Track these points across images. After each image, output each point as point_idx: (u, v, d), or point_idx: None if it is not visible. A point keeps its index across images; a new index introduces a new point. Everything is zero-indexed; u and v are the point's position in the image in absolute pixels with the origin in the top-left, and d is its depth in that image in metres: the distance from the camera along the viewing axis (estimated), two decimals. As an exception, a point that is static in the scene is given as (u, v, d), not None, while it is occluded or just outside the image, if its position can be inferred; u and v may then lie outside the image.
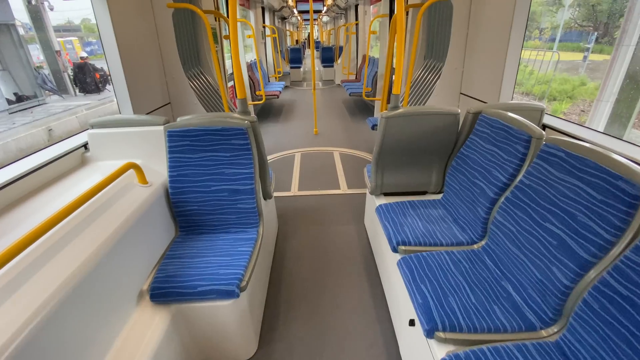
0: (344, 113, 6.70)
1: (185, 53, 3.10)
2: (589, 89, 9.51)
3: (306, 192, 3.41)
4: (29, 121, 8.14)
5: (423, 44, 3.58)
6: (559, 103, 8.39)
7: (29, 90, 10.01)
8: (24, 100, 9.70)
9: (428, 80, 3.28)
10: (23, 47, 9.69)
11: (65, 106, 9.67)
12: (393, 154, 2.07)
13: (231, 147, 1.71)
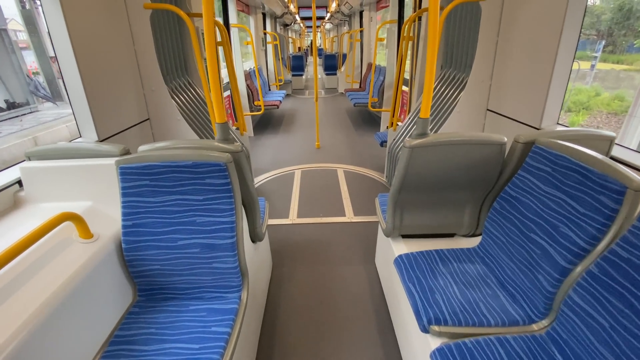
0: (348, 124, 6.29)
1: (168, 62, 2.70)
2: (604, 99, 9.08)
3: (306, 219, 2.97)
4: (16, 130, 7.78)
5: (439, 52, 3.17)
6: (575, 115, 7.95)
7: (21, 97, 9.68)
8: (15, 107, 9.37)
9: (447, 94, 2.86)
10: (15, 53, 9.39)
11: (58, 114, 9.32)
12: (417, 191, 1.63)
13: (205, 189, 1.28)
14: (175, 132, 2.59)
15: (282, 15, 9.84)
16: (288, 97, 9.62)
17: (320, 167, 4.19)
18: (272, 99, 6.55)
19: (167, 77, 2.66)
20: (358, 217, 2.98)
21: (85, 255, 1.18)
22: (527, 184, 1.39)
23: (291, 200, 3.33)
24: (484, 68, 2.46)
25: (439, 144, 1.43)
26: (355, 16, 9.32)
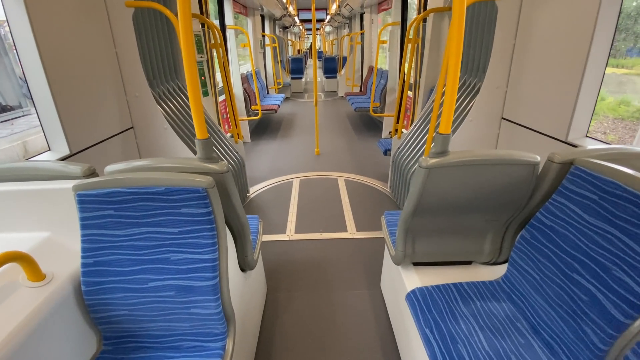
0: (349, 130, 6.08)
1: (155, 65, 2.48)
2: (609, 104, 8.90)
3: (305, 235, 2.75)
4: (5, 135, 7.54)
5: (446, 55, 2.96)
6: (582, 119, 7.77)
7: (13, 100, 9.42)
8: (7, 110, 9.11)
9: (458, 100, 2.65)
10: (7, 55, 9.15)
11: (52, 117, 9.04)
12: (433, 215, 1.41)
13: (182, 220, 1.06)
14: (162, 142, 2.37)
15: (282, 18, 9.66)
16: (287, 101, 9.42)
17: (319, 175, 3.98)
18: (270, 103, 6.35)
19: (153, 82, 2.44)
20: (361, 232, 2.76)
21: (35, 302, 0.96)
22: (565, 212, 1.17)
23: (289, 212, 3.10)
24: (499, 73, 2.25)
25: (462, 164, 1.22)
26: (355, 18, 9.14)
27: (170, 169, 1.16)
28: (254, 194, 3.52)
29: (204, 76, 3.45)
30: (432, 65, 3.44)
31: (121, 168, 1.16)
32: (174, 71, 2.77)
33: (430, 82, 3.52)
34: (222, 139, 3.05)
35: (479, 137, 2.41)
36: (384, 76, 5.82)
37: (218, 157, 1.21)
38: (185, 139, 2.48)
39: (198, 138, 1.16)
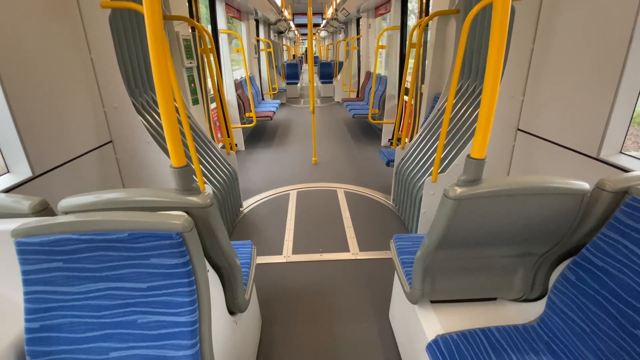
0: (347, 137, 5.88)
1: (137, 72, 2.26)
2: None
3: (303, 256, 2.52)
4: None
5: (452, 59, 2.78)
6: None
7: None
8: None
9: (469, 110, 2.46)
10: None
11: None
12: (457, 248, 1.20)
13: (150, 272, 0.84)
14: (145, 158, 2.14)
15: (277, 22, 9.50)
16: (282, 107, 9.22)
17: (318, 187, 3.76)
18: (265, 109, 6.13)
19: (134, 91, 2.22)
20: (364, 252, 2.54)
21: None
22: (620, 251, 0.97)
23: (285, 229, 2.88)
24: (515, 81, 2.06)
25: (499, 194, 1.01)
26: (351, 23, 9.01)
27: (138, 205, 0.93)
28: (247, 208, 3.30)
29: (194, 83, 3.23)
30: (435, 71, 3.26)
31: (78, 203, 0.93)
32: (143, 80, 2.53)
33: (434, 89, 3.34)
34: (213, 151, 2.83)
35: (492, 149, 2.22)
36: (383, 82, 5.65)
37: (198, 188, 0.99)
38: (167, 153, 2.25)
39: (173, 166, 0.94)
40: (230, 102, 5.02)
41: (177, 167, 0.94)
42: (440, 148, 2.12)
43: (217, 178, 2.62)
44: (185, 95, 3.06)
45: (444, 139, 2.10)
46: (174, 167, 0.94)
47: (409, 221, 2.75)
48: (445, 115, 2.01)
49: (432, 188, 2.30)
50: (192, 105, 3.21)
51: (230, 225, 2.86)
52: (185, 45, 3.02)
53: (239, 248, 1.71)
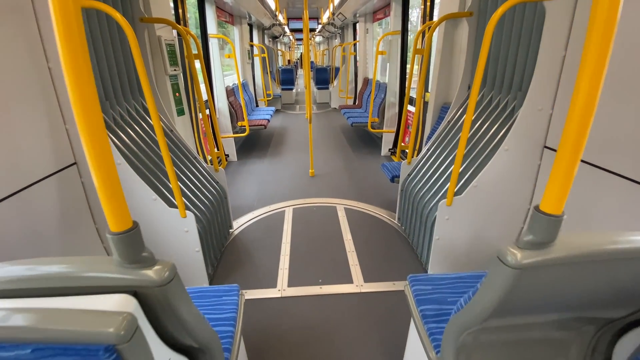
0: (345, 146, 5.61)
1: (105, 82, 1.96)
2: None
3: (300, 289, 2.22)
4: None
5: (467, 67, 2.53)
6: None
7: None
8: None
9: (488, 124, 2.19)
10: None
11: None
12: (505, 317, 0.92)
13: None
14: (114, 181, 1.83)
15: (271, 27, 9.26)
16: (278, 113, 8.94)
17: (316, 203, 3.47)
18: (258, 117, 5.85)
19: (104, 104, 1.92)
20: (370, 284, 2.25)
21: None
22: None
23: (280, 255, 2.58)
24: (544, 92, 1.80)
25: (579, 261, 0.73)
26: (348, 28, 8.81)
27: (63, 283, 0.64)
28: (238, 229, 2.99)
29: (179, 92, 2.94)
30: (442, 79, 3.01)
31: None
32: (132, 89, 2.24)
33: (441, 99, 3.08)
34: (199, 168, 2.53)
35: (514, 170, 1.95)
36: (382, 89, 5.40)
37: (151, 257, 0.69)
38: (146, 177, 1.95)
39: (112, 231, 0.65)
40: (222, 110, 4.73)
41: (118, 233, 0.64)
42: (457, 168, 1.85)
43: (203, 200, 2.32)
44: (168, 106, 2.76)
45: (462, 157, 1.83)
46: (112, 233, 0.64)
47: (419, 245, 2.47)
48: (464, 131, 1.74)
49: (447, 212, 2.03)
50: (177, 116, 2.92)
51: (218, 251, 2.55)
52: (169, 51, 2.74)
53: (223, 297, 1.41)
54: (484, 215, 2.07)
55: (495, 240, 2.15)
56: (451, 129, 2.52)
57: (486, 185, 1.98)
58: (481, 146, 2.12)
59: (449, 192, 1.95)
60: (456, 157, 1.82)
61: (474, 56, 2.47)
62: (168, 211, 1.91)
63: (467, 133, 1.75)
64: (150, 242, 2.02)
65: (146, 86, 1.55)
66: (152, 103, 1.58)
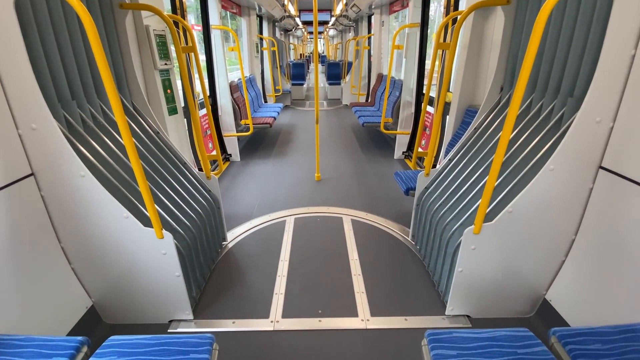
0: (355, 147, 5.26)
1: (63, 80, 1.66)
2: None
3: (297, 321, 1.92)
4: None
5: (500, 65, 2.15)
6: None
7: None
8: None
9: (529, 137, 1.81)
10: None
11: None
12: None
13: None
14: (78, 195, 1.56)
15: (282, 19, 8.91)
16: (286, 109, 8.63)
17: (320, 213, 3.15)
18: (265, 114, 5.55)
19: (68, 104, 1.64)
20: (378, 319, 1.92)
21: None
22: None
23: (276, 277, 2.28)
24: (604, 99, 1.42)
25: None
26: (362, 21, 8.38)
27: None
28: (233, 241, 2.70)
29: (171, 89, 2.65)
30: (469, 78, 2.63)
31: None
32: (96, 87, 1.93)
33: (466, 100, 2.70)
34: (188, 177, 2.25)
35: (560, 194, 1.59)
36: (397, 87, 5.01)
37: None
38: (119, 192, 1.66)
39: None
40: (224, 107, 4.44)
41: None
42: (490, 189, 1.50)
43: (189, 214, 2.03)
44: (158, 104, 2.48)
45: (496, 176, 1.48)
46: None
47: (436, 272, 2.13)
48: (501, 145, 1.38)
49: (473, 241, 1.69)
50: (169, 115, 2.63)
51: (207, 269, 2.28)
52: (159, 43, 2.44)
53: (190, 354, 1.11)
54: (518, 247, 1.72)
55: (530, 276, 1.79)
56: (479, 137, 2.15)
57: (524, 212, 1.62)
58: (518, 162, 1.75)
59: (478, 217, 1.60)
60: (490, 175, 1.47)
61: (509, 52, 2.09)
62: (142, 231, 1.63)
63: (504, 147, 1.40)
64: (122, 267, 1.75)
65: (109, 82, 1.25)
66: (117, 102, 1.28)
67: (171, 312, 1.90)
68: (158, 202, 1.84)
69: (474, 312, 1.92)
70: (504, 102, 2.10)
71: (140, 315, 1.89)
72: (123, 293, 1.82)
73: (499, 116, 2.10)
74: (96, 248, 1.68)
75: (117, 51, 2.01)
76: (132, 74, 2.12)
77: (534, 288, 1.84)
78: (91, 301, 1.83)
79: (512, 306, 1.90)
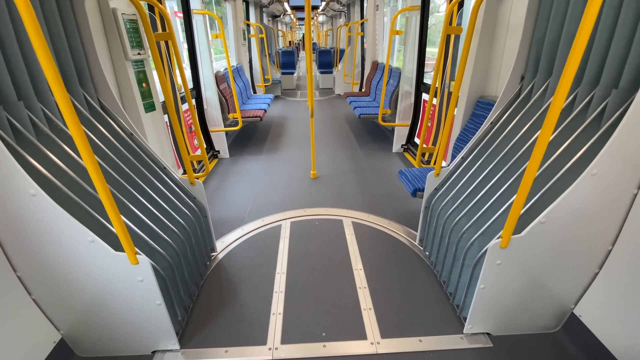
0: (351, 140, 5.00)
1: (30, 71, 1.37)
2: None
3: (298, 347, 1.70)
4: None
5: (522, 50, 1.91)
6: None
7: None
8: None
9: (565, 135, 1.58)
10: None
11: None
12: None
13: None
14: (29, 216, 1.28)
15: (270, 4, 8.45)
16: (277, 100, 8.27)
17: (318, 215, 2.92)
18: (254, 106, 5.22)
19: (9, 106, 1.33)
20: (389, 340, 1.71)
21: None
22: None
23: (273, 293, 2.04)
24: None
25: None
26: (354, 5, 7.99)
27: None
28: (223, 252, 2.45)
29: (146, 82, 2.33)
30: (480, 66, 2.38)
31: None
32: (70, 80, 1.64)
33: (476, 90, 2.46)
34: (167, 183, 1.97)
35: (602, 202, 1.38)
36: (394, 76, 4.74)
37: None
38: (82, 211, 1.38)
39: None
40: (210, 100, 4.11)
41: None
42: (522, 198, 1.28)
43: (170, 228, 1.77)
44: (132, 101, 2.17)
45: (530, 184, 1.25)
46: None
47: (451, 284, 1.93)
48: (539, 145, 1.15)
49: (499, 256, 1.47)
50: (146, 112, 2.33)
51: (196, 286, 2.03)
52: (130, 29, 2.12)
53: None
54: (549, 260, 1.51)
55: (558, 289, 1.60)
56: (497, 133, 1.92)
57: (558, 222, 1.41)
58: (550, 165, 1.53)
59: (507, 230, 1.39)
60: (523, 182, 1.25)
61: (533, 36, 1.84)
62: (112, 257, 1.36)
63: (543, 148, 1.16)
64: (92, 297, 1.49)
65: (52, 75, 0.95)
66: (64, 99, 0.99)
67: (154, 343, 1.65)
68: (132, 218, 1.57)
69: (495, 329, 1.73)
70: (525, 93, 1.87)
71: (119, 346, 1.65)
72: (96, 324, 1.56)
73: (520, 109, 1.86)
74: (58, 277, 1.42)
75: (76, 39, 1.69)
76: (97, 66, 1.80)
77: (561, 302, 1.65)
78: (59, 334, 1.57)
79: (535, 322, 1.72)
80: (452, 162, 2.16)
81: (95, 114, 1.75)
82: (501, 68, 2.27)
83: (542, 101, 1.77)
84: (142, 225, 1.61)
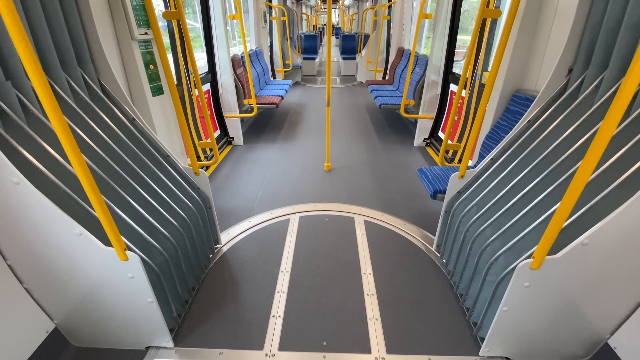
0: (370, 131, 4.77)
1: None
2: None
3: (296, 355, 1.59)
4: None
5: (572, 39, 1.64)
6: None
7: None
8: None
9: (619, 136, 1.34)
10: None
11: None
12: None
13: None
14: (13, 205, 1.21)
15: (294, -15, 8.14)
16: (296, 86, 8.07)
17: (329, 211, 2.77)
18: (271, 92, 5.06)
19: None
20: (395, 357, 1.57)
21: None
22: None
23: (275, 294, 1.93)
24: None
25: None
26: (382, -13, 7.55)
27: None
28: (228, 244, 2.36)
29: (154, 64, 2.22)
30: (519, 55, 2.11)
31: None
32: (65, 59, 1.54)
33: (513, 83, 2.19)
34: (170, 172, 1.87)
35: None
36: (421, 64, 4.43)
37: None
38: (70, 202, 1.30)
39: None
40: (225, 84, 3.99)
41: None
42: (564, 214, 1.07)
43: (169, 221, 1.67)
44: (138, 83, 2.07)
45: (576, 199, 1.04)
46: None
47: (468, 298, 1.75)
48: (592, 152, 0.94)
49: (529, 277, 1.28)
50: (153, 96, 2.23)
51: (196, 280, 1.95)
52: (136, 6, 1.99)
53: None
54: (586, 286, 1.30)
55: (593, 318, 1.39)
56: (536, 133, 1.68)
57: (605, 246, 1.19)
58: (599, 175, 1.30)
59: (540, 249, 1.19)
60: (568, 194, 1.04)
61: (587, 22, 1.56)
62: (101, 251, 1.28)
63: (598, 156, 0.95)
64: (83, 289, 1.42)
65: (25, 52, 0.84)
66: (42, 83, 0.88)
67: (147, 339, 1.59)
68: (127, 210, 1.48)
69: (515, 354, 1.55)
70: (573, 88, 1.60)
71: (113, 339, 1.60)
72: (89, 316, 1.51)
73: (565, 107, 1.61)
74: (48, 267, 1.36)
75: (74, 14, 1.58)
76: (98, 45, 1.70)
77: (595, 330, 1.45)
78: (53, 323, 1.54)
79: (563, 349, 1.52)
80: (479, 162, 1.94)
81: (94, 96, 1.65)
82: (544, 58, 1.99)
83: (592, 99, 1.51)
84: (138, 217, 1.53)
